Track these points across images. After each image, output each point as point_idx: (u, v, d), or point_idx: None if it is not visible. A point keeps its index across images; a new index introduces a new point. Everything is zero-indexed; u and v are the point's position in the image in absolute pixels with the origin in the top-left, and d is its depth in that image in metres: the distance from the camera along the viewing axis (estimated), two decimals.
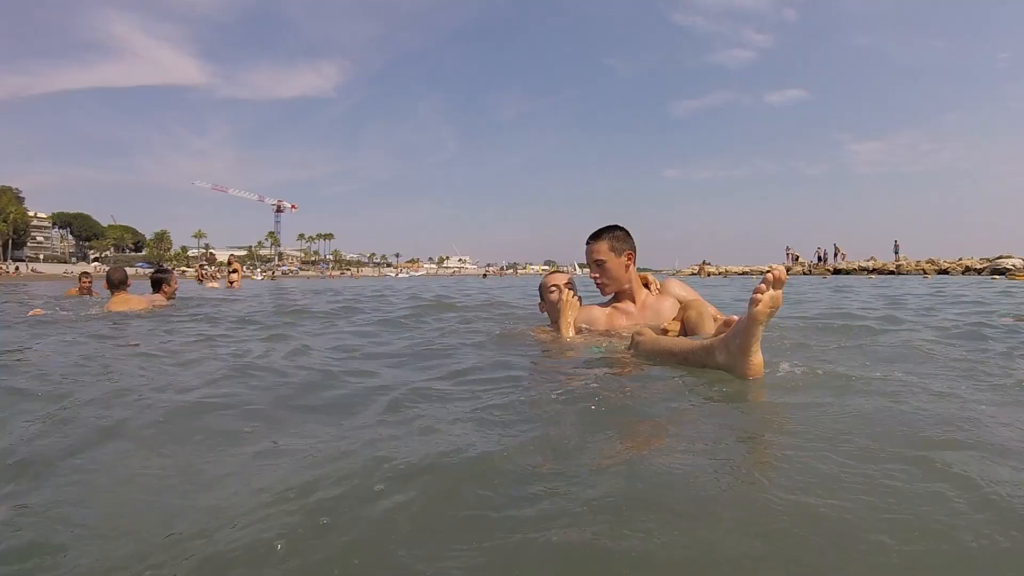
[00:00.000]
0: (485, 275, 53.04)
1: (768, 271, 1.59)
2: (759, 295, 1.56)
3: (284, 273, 71.03)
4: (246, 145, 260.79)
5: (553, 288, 2.84)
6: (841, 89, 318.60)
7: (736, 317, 1.79)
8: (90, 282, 7.73)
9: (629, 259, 2.58)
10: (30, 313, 4.64)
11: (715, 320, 2.32)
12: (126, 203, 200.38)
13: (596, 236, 2.61)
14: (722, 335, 1.75)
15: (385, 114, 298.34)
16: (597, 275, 2.61)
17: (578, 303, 2.72)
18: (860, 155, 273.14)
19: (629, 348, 2.17)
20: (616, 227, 2.63)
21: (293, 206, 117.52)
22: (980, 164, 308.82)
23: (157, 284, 5.64)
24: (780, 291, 1.58)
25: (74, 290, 8.06)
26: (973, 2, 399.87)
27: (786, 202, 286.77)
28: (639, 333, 2.17)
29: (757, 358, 1.67)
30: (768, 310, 1.59)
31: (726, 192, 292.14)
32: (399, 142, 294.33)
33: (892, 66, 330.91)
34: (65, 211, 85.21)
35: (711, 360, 1.78)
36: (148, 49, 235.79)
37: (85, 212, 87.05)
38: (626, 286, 2.61)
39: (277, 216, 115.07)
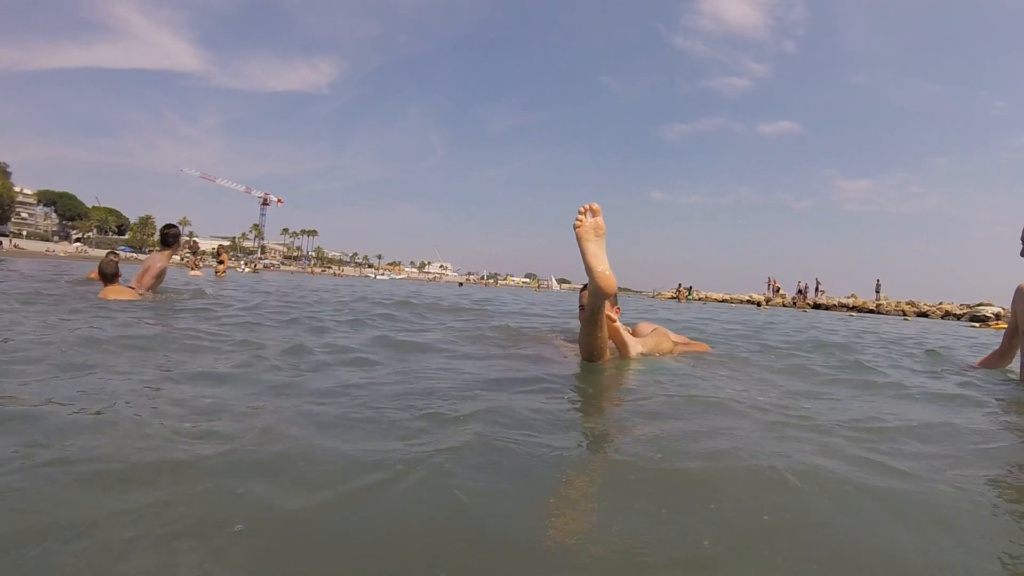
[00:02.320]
0: (462, 284, 54.19)
1: (588, 207, 2.11)
2: (578, 221, 2.11)
3: (266, 267, 71.69)
4: (236, 135, 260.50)
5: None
6: (834, 125, 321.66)
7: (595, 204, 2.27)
8: (117, 259, 6.66)
9: (618, 312, 3.00)
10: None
11: (676, 344, 3.01)
12: (112, 185, 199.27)
13: None
14: None
15: (376, 115, 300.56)
16: None
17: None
18: (847, 192, 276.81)
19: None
20: None
21: (279, 200, 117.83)
22: (966, 211, 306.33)
23: (173, 239, 5.45)
24: (599, 218, 2.11)
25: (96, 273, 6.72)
26: (973, 50, 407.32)
27: (770, 233, 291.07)
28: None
29: (599, 269, 2.11)
30: (591, 232, 2.10)
31: (711, 218, 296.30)
32: (388, 144, 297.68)
33: (886, 106, 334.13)
34: (51, 189, 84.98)
35: (588, 296, 2.25)
36: (146, 32, 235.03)
37: (70, 191, 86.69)
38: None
39: (263, 209, 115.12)
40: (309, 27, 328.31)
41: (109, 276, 4.88)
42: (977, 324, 16.30)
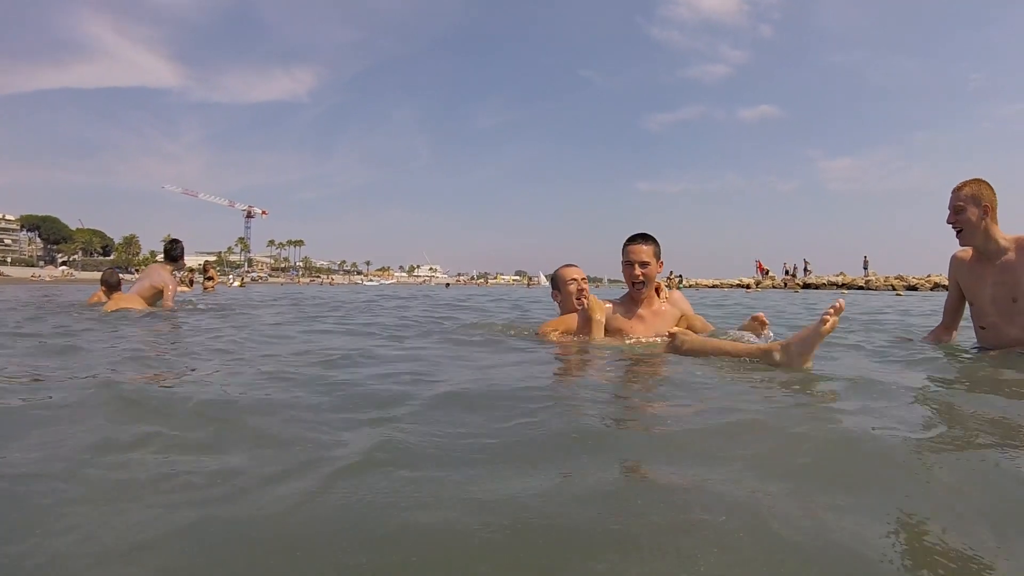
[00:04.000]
0: (449, 285, 53.99)
1: (834, 305, 1.93)
2: (828, 318, 1.93)
3: (254, 279, 71.42)
4: (218, 149, 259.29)
5: (572, 281, 3.08)
6: (814, 106, 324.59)
7: (762, 314, 2.43)
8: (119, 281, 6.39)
9: (661, 267, 2.87)
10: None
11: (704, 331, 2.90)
12: (95, 206, 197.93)
13: (645, 238, 2.83)
14: (781, 341, 2.10)
15: (359, 121, 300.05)
16: (640, 273, 2.78)
17: (602, 303, 2.94)
18: (831, 171, 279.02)
19: (668, 347, 2.43)
20: (655, 239, 2.86)
21: (263, 212, 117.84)
22: (949, 182, 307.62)
23: (177, 256, 5.61)
24: (838, 318, 1.95)
25: (100, 294, 6.16)
26: (947, 25, 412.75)
27: (758, 216, 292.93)
28: (683, 333, 2.42)
29: (810, 364, 2.05)
30: (832, 330, 1.99)
31: (698, 205, 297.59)
32: (372, 149, 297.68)
33: (865, 85, 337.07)
34: (33, 213, 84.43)
35: (768, 359, 2.10)
36: (122, 50, 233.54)
37: (53, 215, 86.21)
38: (652, 291, 2.88)
39: (247, 222, 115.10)
40: (287, 36, 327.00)
41: (113, 284, 5.20)
42: None
